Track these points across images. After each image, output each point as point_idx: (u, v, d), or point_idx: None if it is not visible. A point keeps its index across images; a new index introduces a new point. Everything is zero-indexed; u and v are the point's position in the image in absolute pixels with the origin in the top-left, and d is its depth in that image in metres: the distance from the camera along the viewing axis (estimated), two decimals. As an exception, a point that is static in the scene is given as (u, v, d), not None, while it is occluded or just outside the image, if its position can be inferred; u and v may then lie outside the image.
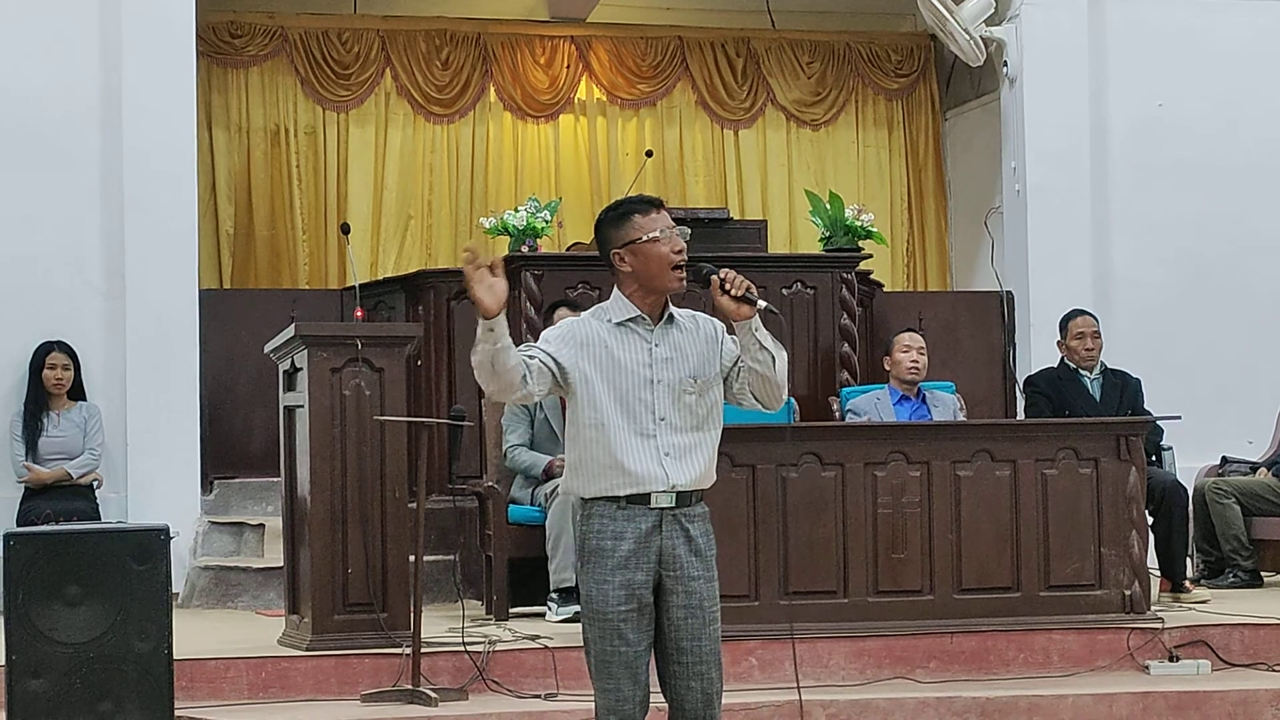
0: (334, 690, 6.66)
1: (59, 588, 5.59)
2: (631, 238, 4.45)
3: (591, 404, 4.41)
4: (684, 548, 4.41)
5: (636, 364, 4.42)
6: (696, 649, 4.42)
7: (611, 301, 4.52)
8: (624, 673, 4.38)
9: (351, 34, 11.51)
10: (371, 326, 8.85)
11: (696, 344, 4.49)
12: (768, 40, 12.13)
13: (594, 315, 4.52)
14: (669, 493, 4.39)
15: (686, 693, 4.42)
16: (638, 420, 4.40)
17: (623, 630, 4.37)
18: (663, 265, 4.42)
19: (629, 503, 4.38)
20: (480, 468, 8.55)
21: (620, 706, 4.39)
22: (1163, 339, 10.41)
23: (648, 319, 4.47)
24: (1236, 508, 9.01)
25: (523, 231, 9.26)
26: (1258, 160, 10.80)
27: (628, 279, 4.48)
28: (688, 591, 4.41)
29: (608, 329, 4.46)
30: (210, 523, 9.30)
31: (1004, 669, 7.10)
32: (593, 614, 4.42)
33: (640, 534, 4.38)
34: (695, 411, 4.45)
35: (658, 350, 4.45)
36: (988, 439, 7.35)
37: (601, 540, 4.39)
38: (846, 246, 9.68)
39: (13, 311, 9.15)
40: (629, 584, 4.37)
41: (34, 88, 9.28)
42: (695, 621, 4.41)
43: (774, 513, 7.07)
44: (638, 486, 4.37)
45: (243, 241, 11.32)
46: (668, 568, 4.40)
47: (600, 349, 4.43)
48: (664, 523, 4.40)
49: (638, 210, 4.49)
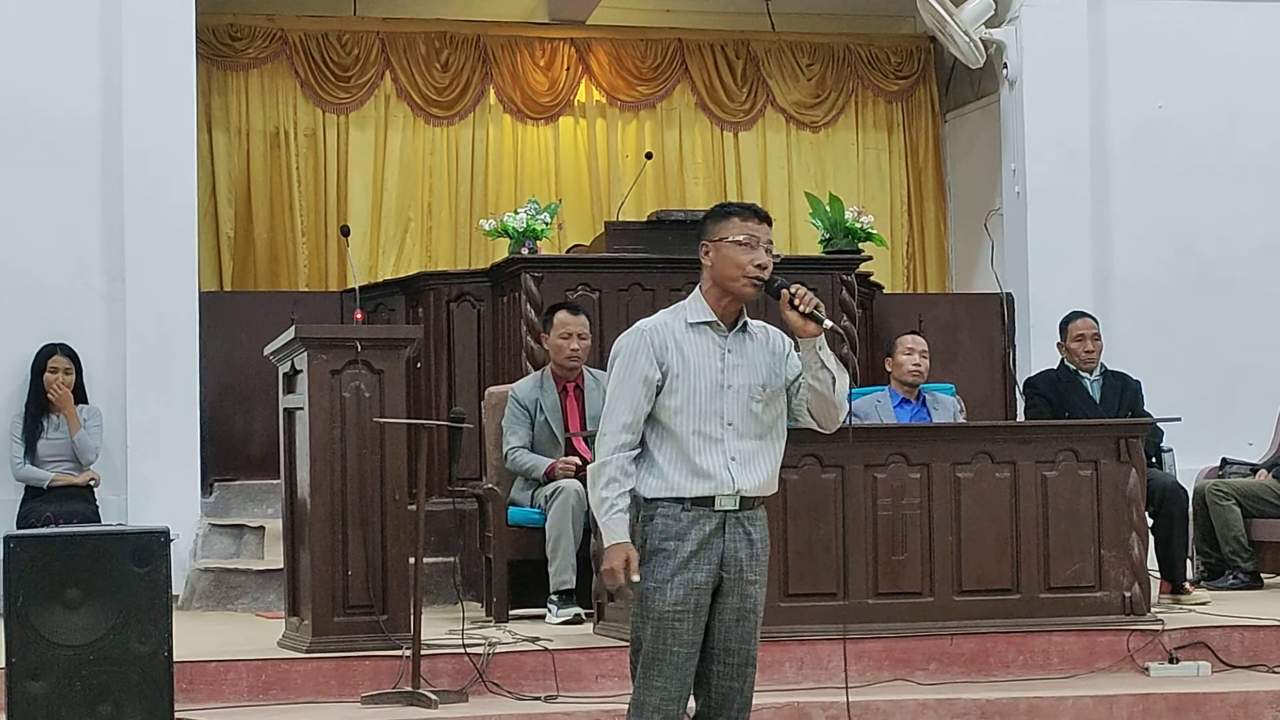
0: (334, 692, 6.66)
1: (59, 590, 5.59)
2: (720, 235, 4.52)
3: (661, 405, 4.44)
4: (745, 551, 4.47)
5: (709, 368, 4.47)
6: (744, 651, 4.47)
7: (690, 301, 4.57)
8: (674, 673, 4.41)
9: (351, 36, 11.52)
10: (371, 329, 8.86)
11: (766, 354, 4.54)
12: (767, 42, 12.13)
13: (671, 314, 4.56)
14: (734, 496, 4.43)
15: (729, 694, 4.47)
16: (707, 423, 4.43)
17: (678, 630, 4.40)
18: (738, 269, 4.48)
19: (694, 504, 4.41)
20: (480, 470, 8.56)
21: (666, 706, 4.41)
22: (1163, 341, 10.41)
23: (722, 325, 4.51)
24: (1236, 509, 9.02)
25: (522, 234, 9.26)
26: (1258, 162, 10.81)
27: (705, 275, 4.54)
28: (743, 595, 4.46)
29: (681, 330, 4.50)
30: (210, 525, 9.31)
31: (1004, 671, 7.09)
32: (649, 612, 4.42)
33: (704, 536, 4.41)
34: (761, 420, 4.50)
35: (730, 356, 4.49)
36: (988, 441, 7.34)
37: (665, 541, 4.41)
38: (846, 248, 9.69)
39: (13, 314, 9.16)
40: (690, 584, 4.40)
41: (34, 90, 9.28)
42: (747, 625, 4.47)
43: (774, 514, 7.00)
44: (705, 489, 4.40)
45: (243, 244, 11.33)
46: (728, 570, 4.45)
47: (675, 352, 4.46)
48: (727, 525, 4.44)
49: (738, 213, 4.56)
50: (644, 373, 4.44)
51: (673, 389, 4.44)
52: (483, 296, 9.54)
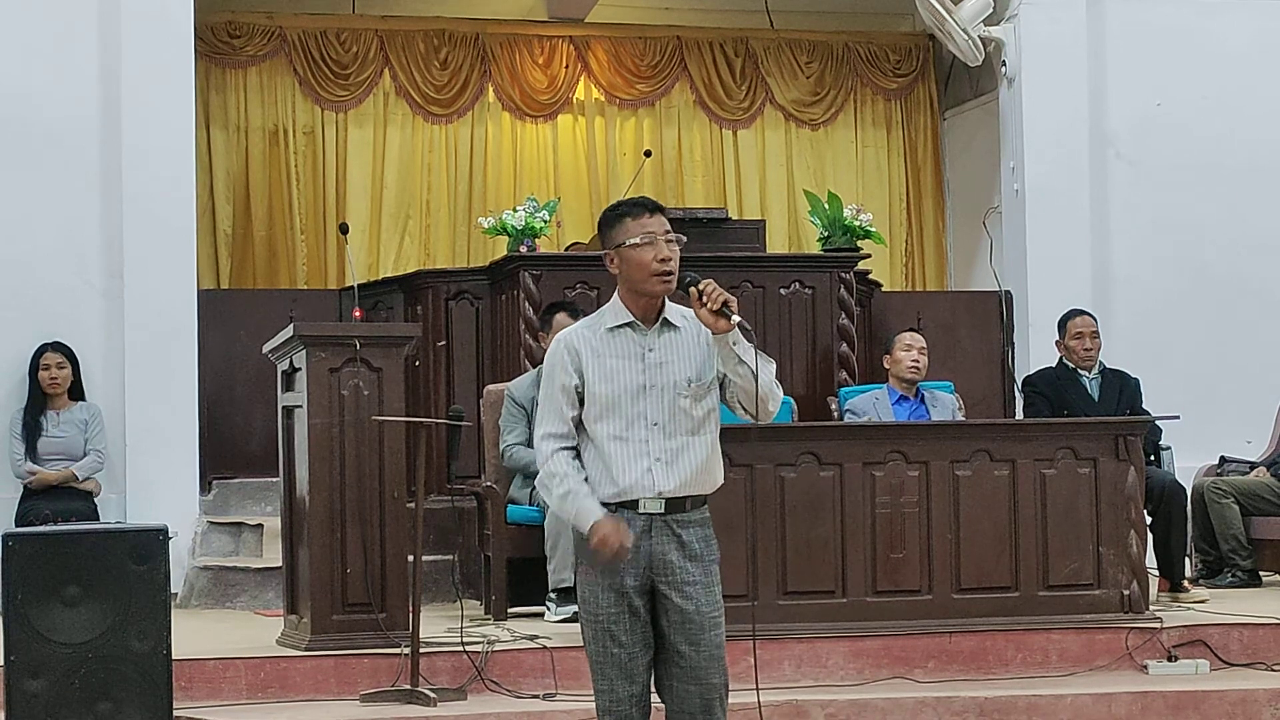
0: (333, 690, 6.66)
1: (58, 588, 5.60)
2: (619, 240, 4.44)
3: (585, 414, 4.42)
4: (676, 553, 4.41)
5: (629, 370, 4.41)
6: (695, 655, 4.41)
7: (610, 305, 4.52)
8: (617, 673, 4.40)
9: (350, 34, 11.51)
10: (370, 326, 8.86)
11: (695, 346, 4.46)
12: (766, 40, 12.13)
13: (587, 326, 4.51)
14: (657, 499, 4.39)
15: (685, 697, 4.42)
16: (630, 427, 4.39)
17: (614, 632, 4.39)
18: (644, 271, 4.40)
19: (619, 508, 4.38)
20: (479, 468, 8.56)
21: (615, 707, 4.42)
22: (1161, 339, 10.40)
23: (641, 324, 4.46)
24: (1235, 507, 9.01)
25: (521, 231, 9.26)
26: (1257, 160, 10.80)
27: (619, 282, 4.48)
28: (683, 596, 4.40)
29: (600, 337, 4.45)
30: (209, 523, 9.30)
31: (1002, 669, 7.10)
32: (587, 615, 4.45)
33: (631, 539, 4.37)
34: (691, 415, 4.43)
35: (651, 355, 4.43)
36: (986, 439, 7.35)
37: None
38: (845, 246, 9.68)
39: (12, 312, 9.15)
40: (617, 587, 4.38)
41: (33, 88, 9.28)
42: (692, 626, 4.40)
43: (772, 512, 7.08)
44: (626, 494, 4.38)
45: (241, 241, 11.32)
46: (659, 573, 4.40)
47: (591, 359, 4.42)
48: (653, 528, 4.40)
49: (629, 214, 4.47)
50: (562, 381, 4.43)
51: (592, 396, 4.40)
52: (481, 294, 9.54)
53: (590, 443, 4.43)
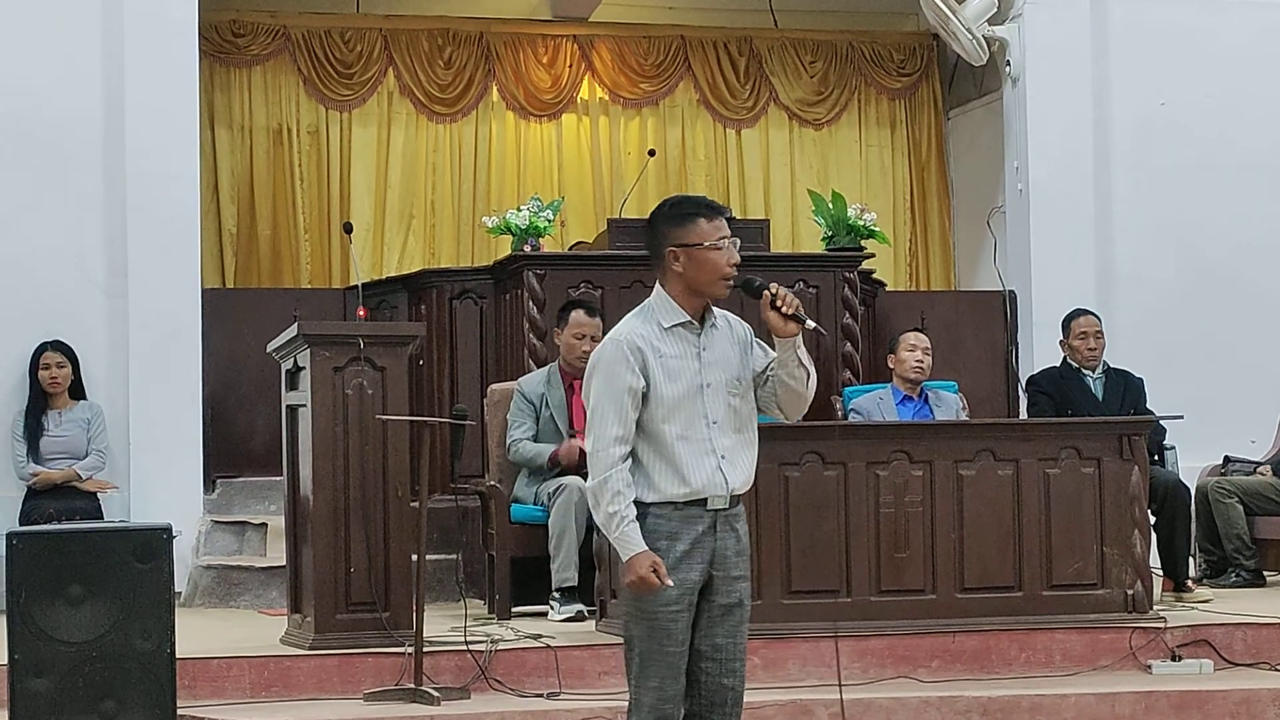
0: (336, 689, 6.66)
1: (61, 587, 5.60)
2: (692, 241, 4.46)
3: (648, 414, 4.42)
4: (733, 547, 4.47)
5: (688, 370, 4.44)
6: (733, 647, 4.46)
7: (657, 302, 4.53)
8: (668, 671, 4.41)
9: (354, 33, 11.51)
10: (374, 326, 8.85)
11: (733, 347, 4.52)
12: (770, 39, 12.12)
13: (642, 319, 4.51)
14: (725, 496, 4.43)
15: (719, 691, 4.46)
16: (692, 426, 4.42)
17: (671, 630, 4.39)
18: (715, 274, 4.45)
19: (686, 505, 4.41)
20: (483, 467, 8.55)
21: (662, 705, 4.41)
22: (1165, 338, 10.40)
23: (695, 324, 4.49)
24: (1239, 507, 9.02)
25: (525, 231, 9.25)
26: (1261, 159, 10.79)
27: (675, 279, 4.49)
28: (730, 590, 4.46)
29: (658, 335, 4.47)
30: (213, 522, 9.30)
31: (1006, 668, 7.09)
32: (642, 613, 4.41)
33: (696, 535, 4.41)
34: (740, 413, 4.49)
35: (705, 354, 4.47)
36: (990, 438, 7.34)
37: (657, 540, 4.38)
38: (849, 246, 9.68)
39: (15, 311, 9.15)
40: (683, 584, 4.39)
41: (36, 87, 9.28)
42: (733, 620, 4.47)
43: (776, 512, 7.07)
44: (698, 494, 4.40)
45: (245, 241, 11.33)
46: (718, 567, 4.45)
47: (654, 359, 4.43)
48: (718, 524, 4.44)
49: (703, 215, 4.49)
50: (627, 383, 4.40)
51: (658, 397, 4.41)
52: (485, 294, 9.53)
53: (650, 443, 4.42)
